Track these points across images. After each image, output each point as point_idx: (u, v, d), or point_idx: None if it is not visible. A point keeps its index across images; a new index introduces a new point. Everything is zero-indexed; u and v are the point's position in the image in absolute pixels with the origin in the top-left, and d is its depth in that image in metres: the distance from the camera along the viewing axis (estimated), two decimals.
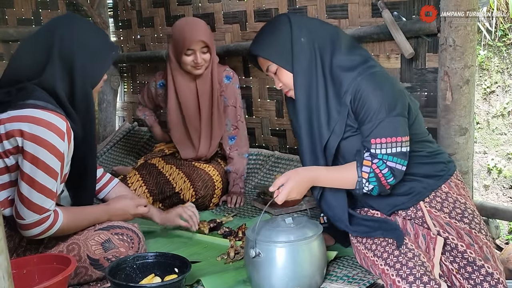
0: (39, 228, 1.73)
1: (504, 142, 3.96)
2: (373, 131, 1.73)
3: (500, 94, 4.05)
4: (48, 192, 1.71)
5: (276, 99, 3.33)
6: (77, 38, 1.79)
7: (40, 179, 1.68)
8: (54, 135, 1.66)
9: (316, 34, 1.85)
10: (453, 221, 1.75)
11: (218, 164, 2.96)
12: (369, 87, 1.73)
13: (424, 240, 1.71)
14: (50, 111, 1.68)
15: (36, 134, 1.64)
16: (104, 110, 4.14)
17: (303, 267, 1.72)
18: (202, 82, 2.86)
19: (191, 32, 2.72)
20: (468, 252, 1.66)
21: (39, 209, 1.71)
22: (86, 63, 1.80)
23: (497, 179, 3.90)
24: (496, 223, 2.82)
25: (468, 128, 2.41)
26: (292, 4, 3.10)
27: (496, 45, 4.12)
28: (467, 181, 2.48)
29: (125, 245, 1.89)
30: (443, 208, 1.79)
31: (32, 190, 1.68)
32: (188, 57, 2.74)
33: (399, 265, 1.62)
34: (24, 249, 1.84)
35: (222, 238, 2.26)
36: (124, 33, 4.10)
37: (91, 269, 1.83)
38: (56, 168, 1.70)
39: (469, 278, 1.61)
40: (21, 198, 1.70)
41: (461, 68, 2.34)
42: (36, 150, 1.65)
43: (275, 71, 1.89)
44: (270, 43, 1.87)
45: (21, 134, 1.65)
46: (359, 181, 1.76)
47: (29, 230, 1.73)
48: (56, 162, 1.69)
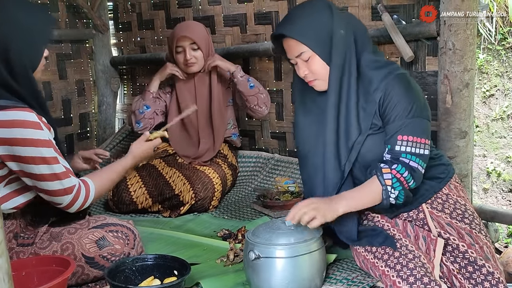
0: (77, 202, 1.78)
1: (504, 146, 3.96)
2: (401, 129, 1.72)
3: (499, 98, 4.06)
4: (61, 175, 1.72)
5: (276, 101, 3.34)
6: (6, 18, 1.66)
7: (45, 171, 1.69)
8: (32, 130, 1.64)
9: (354, 28, 1.81)
10: (454, 221, 1.76)
11: (218, 166, 2.97)
12: (401, 86, 1.73)
13: (425, 242, 1.72)
14: (14, 109, 1.64)
15: (16, 137, 1.63)
16: (104, 112, 4.14)
17: (303, 270, 1.71)
18: (200, 82, 2.93)
19: (180, 30, 2.87)
20: (469, 252, 1.66)
21: (66, 191, 1.74)
22: (21, 44, 1.68)
23: (496, 182, 3.90)
24: (495, 227, 2.82)
25: (468, 131, 2.41)
26: (292, 7, 3.10)
27: (496, 48, 4.13)
28: (466, 184, 2.48)
29: (120, 242, 1.88)
30: (444, 209, 1.80)
31: (48, 183, 1.70)
32: (179, 55, 2.88)
33: (399, 266, 1.62)
34: (16, 251, 1.82)
35: (222, 241, 2.26)
36: (124, 36, 4.11)
37: (87, 268, 1.83)
38: (51, 154, 1.69)
39: (470, 277, 1.61)
40: (45, 192, 1.73)
41: (461, 71, 2.34)
42: (25, 151, 1.64)
43: (307, 58, 1.80)
44: (309, 28, 1.77)
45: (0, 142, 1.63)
46: (384, 189, 1.71)
47: (71, 208, 1.78)
48: (48, 150, 1.68)
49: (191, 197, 2.72)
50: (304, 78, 1.85)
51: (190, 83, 2.98)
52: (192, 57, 2.86)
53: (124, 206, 2.76)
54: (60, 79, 3.84)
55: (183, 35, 2.82)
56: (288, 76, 3.24)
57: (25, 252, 1.83)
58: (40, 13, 1.79)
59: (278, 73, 3.29)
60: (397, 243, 1.72)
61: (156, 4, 3.81)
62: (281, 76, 3.28)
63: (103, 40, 4.05)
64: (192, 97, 2.97)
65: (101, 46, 4.05)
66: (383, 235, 1.76)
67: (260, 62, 3.36)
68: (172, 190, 2.76)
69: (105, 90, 4.11)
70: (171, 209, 2.77)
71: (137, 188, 2.77)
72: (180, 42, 2.85)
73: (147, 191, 2.77)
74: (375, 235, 1.78)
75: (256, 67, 3.38)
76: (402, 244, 1.71)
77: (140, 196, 2.75)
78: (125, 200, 2.74)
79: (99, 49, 4.05)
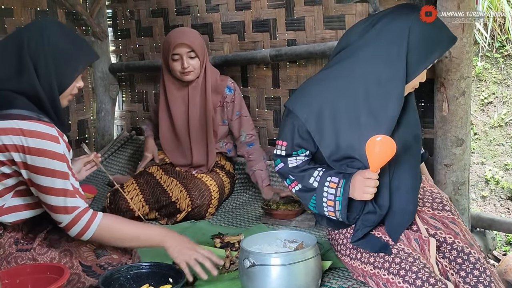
0: (76, 227, 1.73)
1: (502, 153, 3.96)
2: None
3: (497, 105, 4.06)
4: (67, 193, 1.71)
5: (274, 108, 3.34)
6: (46, 40, 1.73)
7: (53, 185, 1.68)
8: (49, 142, 1.67)
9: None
10: (436, 212, 1.81)
11: (216, 174, 2.96)
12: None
13: (418, 244, 1.73)
14: (38, 121, 1.67)
15: (33, 146, 1.65)
16: (102, 119, 4.14)
17: (298, 278, 1.71)
18: (193, 90, 2.88)
19: (176, 36, 2.79)
20: (456, 242, 1.70)
21: (66, 210, 1.71)
22: (54, 65, 1.73)
23: (494, 190, 3.89)
24: (492, 235, 2.82)
25: (465, 139, 2.41)
26: (290, 15, 3.12)
27: (494, 56, 4.14)
28: (464, 192, 2.48)
29: (118, 252, 1.88)
30: (425, 203, 1.85)
31: (51, 197, 1.70)
32: (175, 62, 2.79)
33: (403, 271, 1.62)
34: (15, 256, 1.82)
35: (218, 248, 2.25)
36: (123, 42, 4.12)
37: (83, 276, 1.82)
38: (63, 169, 1.70)
39: (460, 269, 1.65)
40: (47, 207, 1.72)
41: (457, 79, 2.34)
42: (38, 161, 1.66)
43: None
44: None
45: (17, 149, 1.65)
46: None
47: (69, 230, 1.74)
48: (60, 164, 1.69)
49: (188, 205, 2.71)
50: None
51: (184, 91, 2.91)
52: (189, 65, 2.78)
53: (121, 213, 2.75)
54: None
55: (181, 42, 2.75)
56: (285, 83, 3.25)
57: (23, 257, 1.83)
58: (82, 47, 1.83)
59: (276, 80, 3.29)
60: (393, 249, 1.71)
61: (155, 11, 3.83)
62: (279, 84, 3.28)
63: (102, 47, 4.06)
64: (185, 105, 2.91)
65: (100, 53, 4.05)
66: (380, 242, 1.76)
67: (258, 69, 3.37)
68: (169, 197, 2.76)
69: (103, 97, 4.12)
70: (168, 216, 2.77)
71: (134, 196, 2.77)
72: (177, 49, 2.76)
73: (144, 199, 2.77)
74: (371, 241, 1.78)
75: (254, 75, 3.39)
76: (399, 249, 1.70)
77: (137, 204, 2.75)
78: (122, 208, 2.74)
79: None
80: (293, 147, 1.86)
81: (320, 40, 3.01)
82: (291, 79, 3.22)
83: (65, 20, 3.85)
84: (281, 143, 1.88)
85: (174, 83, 2.91)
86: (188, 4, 3.59)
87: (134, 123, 4.21)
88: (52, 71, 1.73)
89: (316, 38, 3.03)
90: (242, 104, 3.01)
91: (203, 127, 2.93)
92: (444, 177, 2.45)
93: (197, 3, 3.54)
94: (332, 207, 1.77)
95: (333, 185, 1.77)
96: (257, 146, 3.00)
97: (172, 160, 3.00)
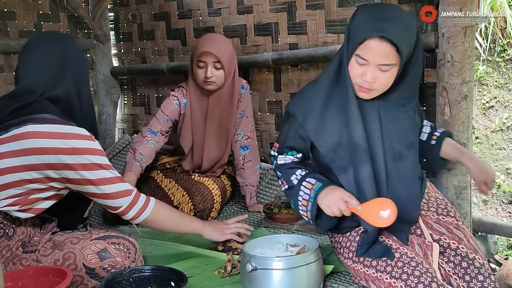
0: (133, 209, 1.87)
1: (503, 157, 3.96)
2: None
3: (499, 109, 4.06)
4: (118, 179, 1.84)
5: (275, 112, 3.34)
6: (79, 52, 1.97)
7: (102, 175, 1.78)
8: (85, 141, 1.76)
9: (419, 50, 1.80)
10: (441, 217, 1.81)
11: (217, 178, 2.96)
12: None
13: (420, 248, 1.73)
14: (69, 125, 1.76)
15: (72, 146, 1.72)
16: (104, 122, 4.15)
17: (300, 282, 1.71)
18: (214, 101, 2.80)
19: (205, 44, 2.69)
20: (460, 247, 1.70)
21: (125, 193, 1.84)
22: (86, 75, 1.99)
23: (496, 194, 3.89)
24: (494, 239, 2.81)
25: (467, 143, 2.41)
26: (292, 19, 3.12)
27: (495, 60, 4.14)
28: (465, 196, 2.48)
29: (121, 255, 1.89)
30: (430, 208, 1.85)
31: (106, 186, 1.80)
32: (199, 70, 2.70)
33: (405, 275, 1.61)
34: (20, 257, 1.84)
35: (220, 252, 2.25)
36: (125, 46, 4.13)
37: (86, 278, 1.83)
38: (104, 162, 1.79)
39: (465, 274, 1.64)
40: (105, 197, 1.82)
41: (459, 83, 2.35)
42: (79, 159, 1.72)
43: (387, 70, 1.69)
44: (408, 43, 1.68)
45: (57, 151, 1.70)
46: None
47: (128, 213, 1.87)
48: (103, 158, 1.79)
49: (190, 209, 2.71)
50: (362, 82, 1.72)
51: (204, 100, 2.81)
52: (212, 75, 2.67)
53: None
54: None
55: (208, 51, 2.63)
56: (287, 87, 3.26)
57: (27, 258, 1.85)
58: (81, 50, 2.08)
59: (278, 84, 3.30)
60: (395, 253, 1.71)
61: (157, 15, 3.83)
62: (281, 87, 3.29)
63: (104, 50, 4.07)
64: (203, 114, 2.82)
65: (102, 56, 4.07)
66: (382, 246, 1.75)
67: (260, 73, 3.37)
68: (171, 201, 2.75)
69: (105, 100, 4.12)
70: None
71: None
72: (203, 57, 2.66)
73: None
74: (374, 249, 1.77)
75: (256, 78, 3.39)
76: (402, 253, 1.70)
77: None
78: None
79: (100, 59, 4.07)
80: (283, 149, 1.94)
81: (322, 44, 3.01)
82: (293, 82, 3.23)
83: (67, 24, 3.86)
84: (277, 145, 1.98)
85: (196, 90, 2.81)
86: (190, 7, 3.60)
87: (135, 127, 4.21)
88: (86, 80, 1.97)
89: (318, 42, 3.04)
90: (248, 105, 2.96)
91: (219, 139, 2.88)
92: (446, 181, 2.45)
93: (199, 6, 3.54)
94: (305, 207, 1.80)
95: (309, 185, 1.80)
96: (252, 153, 2.95)
97: (184, 162, 2.96)
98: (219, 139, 2.88)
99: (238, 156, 2.94)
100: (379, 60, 1.66)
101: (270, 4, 3.21)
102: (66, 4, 3.80)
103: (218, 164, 2.94)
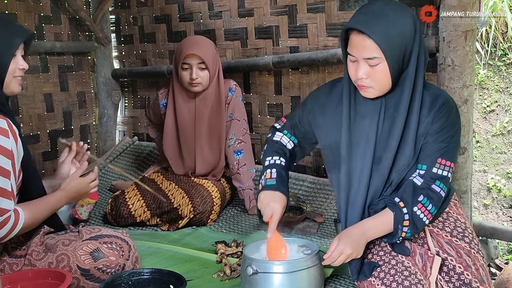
0: (3, 230, 1.67)
1: (504, 161, 3.95)
2: (444, 153, 1.69)
3: (500, 113, 4.06)
4: (3, 192, 1.65)
5: (276, 115, 3.34)
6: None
7: None
8: None
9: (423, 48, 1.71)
10: (454, 239, 1.75)
11: (217, 181, 2.96)
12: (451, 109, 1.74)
13: (421, 259, 1.71)
14: None
15: None
16: (104, 124, 4.15)
17: (301, 286, 1.71)
18: (201, 102, 2.84)
19: (188, 46, 2.74)
20: (465, 274, 1.65)
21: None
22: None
23: (497, 198, 3.88)
24: (494, 243, 2.81)
25: (467, 148, 2.41)
26: (293, 22, 3.13)
27: (496, 64, 4.14)
28: (466, 200, 2.47)
29: (114, 254, 1.88)
30: (444, 228, 1.80)
31: None
32: (184, 72, 2.74)
33: (395, 284, 1.61)
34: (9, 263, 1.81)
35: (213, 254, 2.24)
36: (126, 48, 4.13)
37: (82, 280, 1.82)
38: (6, 167, 1.65)
39: None
40: None
41: (460, 87, 2.35)
42: None
43: (375, 65, 1.63)
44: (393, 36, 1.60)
45: None
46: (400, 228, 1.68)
47: None
48: (5, 160, 1.64)
49: (190, 211, 2.71)
50: (357, 79, 1.68)
51: (191, 102, 2.85)
52: (198, 76, 2.71)
53: (122, 219, 2.75)
54: (62, 90, 3.87)
55: (192, 52, 2.68)
56: (288, 90, 3.26)
57: (18, 263, 1.83)
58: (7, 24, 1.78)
59: (278, 87, 3.30)
60: (392, 260, 1.71)
61: (158, 17, 3.84)
62: (281, 90, 3.29)
63: (105, 53, 4.07)
64: (191, 116, 2.85)
65: (103, 59, 4.07)
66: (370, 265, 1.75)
67: (260, 76, 3.37)
68: (171, 203, 2.75)
69: (106, 102, 4.12)
70: (170, 222, 2.76)
71: (136, 201, 2.77)
72: (187, 59, 2.70)
73: (146, 204, 2.76)
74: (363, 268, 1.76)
75: (256, 81, 3.40)
76: (398, 261, 1.70)
77: (139, 209, 2.74)
78: (124, 214, 2.74)
79: (101, 62, 4.07)
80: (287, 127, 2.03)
81: (322, 47, 3.01)
82: (294, 86, 3.23)
83: (68, 26, 3.86)
84: (283, 120, 2.06)
85: (182, 92, 2.85)
86: (191, 10, 3.61)
87: (136, 129, 4.21)
88: None
89: (318, 45, 3.04)
90: (237, 107, 2.92)
91: (210, 141, 2.88)
92: None
93: (200, 9, 3.55)
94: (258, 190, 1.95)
95: (268, 175, 1.92)
96: (247, 157, 2.93)
97: (173, 168, 2.98)
98: (211, 141, 2.89)
99: (233, 161, 2.92)
100: (362, 54, 1.62)
101: (271, 7, 3.21)
102: (67, 6, 3.80)
103: (216, 169, 2.94)
